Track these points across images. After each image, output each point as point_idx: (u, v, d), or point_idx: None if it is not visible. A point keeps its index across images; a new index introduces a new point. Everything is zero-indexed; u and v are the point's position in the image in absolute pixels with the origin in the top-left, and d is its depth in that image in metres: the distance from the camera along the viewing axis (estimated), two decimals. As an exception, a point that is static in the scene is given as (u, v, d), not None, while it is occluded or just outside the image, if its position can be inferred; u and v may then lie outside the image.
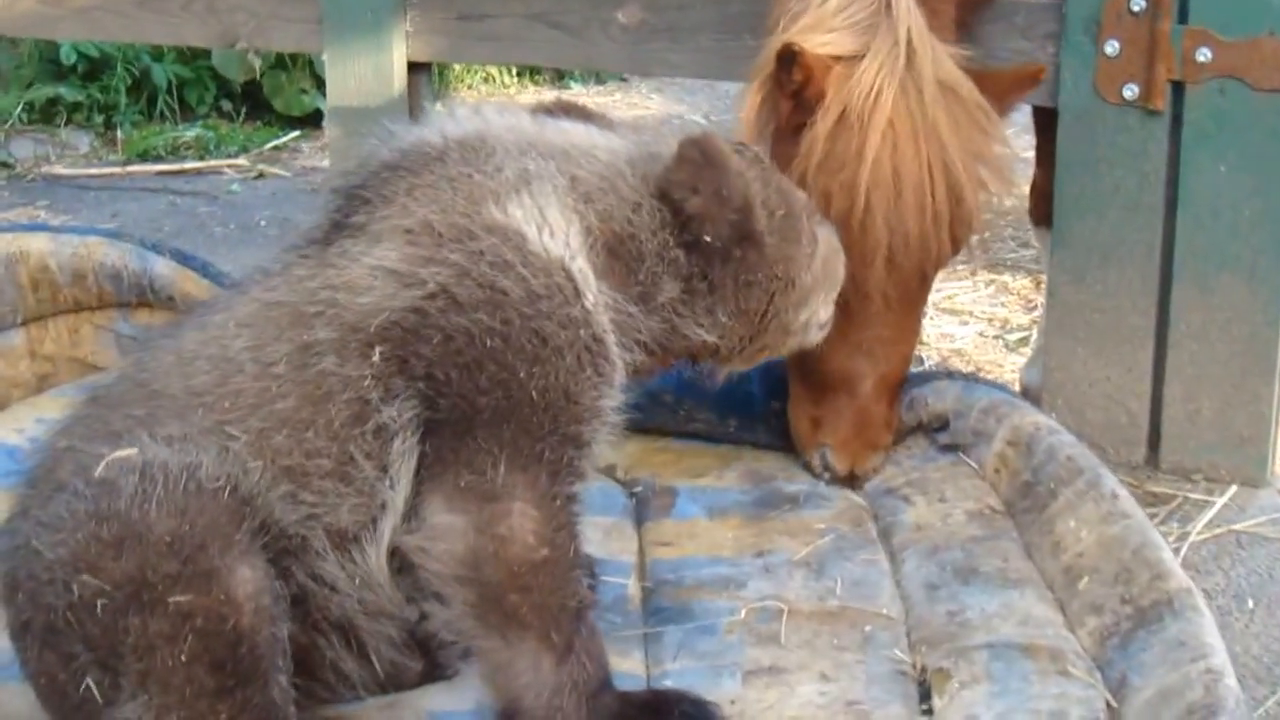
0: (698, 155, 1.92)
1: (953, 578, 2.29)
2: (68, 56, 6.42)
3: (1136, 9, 2.67)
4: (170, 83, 6.69)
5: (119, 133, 6.44)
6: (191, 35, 3.96)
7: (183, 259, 2.92)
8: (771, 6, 2.71)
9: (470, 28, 3.52)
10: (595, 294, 1.88)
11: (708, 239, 1.95)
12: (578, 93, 7.75)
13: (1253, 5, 2.64)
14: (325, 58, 3.71)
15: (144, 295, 3.00)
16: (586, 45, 3.38)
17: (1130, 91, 2.72)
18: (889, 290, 2.50)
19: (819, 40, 2.50)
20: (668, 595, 2.31)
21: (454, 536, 1.78)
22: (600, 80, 8.10)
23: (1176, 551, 2.59)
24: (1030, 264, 4.21)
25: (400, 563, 1.84)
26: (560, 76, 7.92)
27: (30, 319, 3.05)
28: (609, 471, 2.71)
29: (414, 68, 3.62)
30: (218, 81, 6.81)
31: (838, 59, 2.49)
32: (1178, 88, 2.72)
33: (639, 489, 2.67)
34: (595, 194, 1.93)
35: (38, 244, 2.98)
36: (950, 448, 2.62)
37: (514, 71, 7.78)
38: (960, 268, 3.93)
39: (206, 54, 6.68)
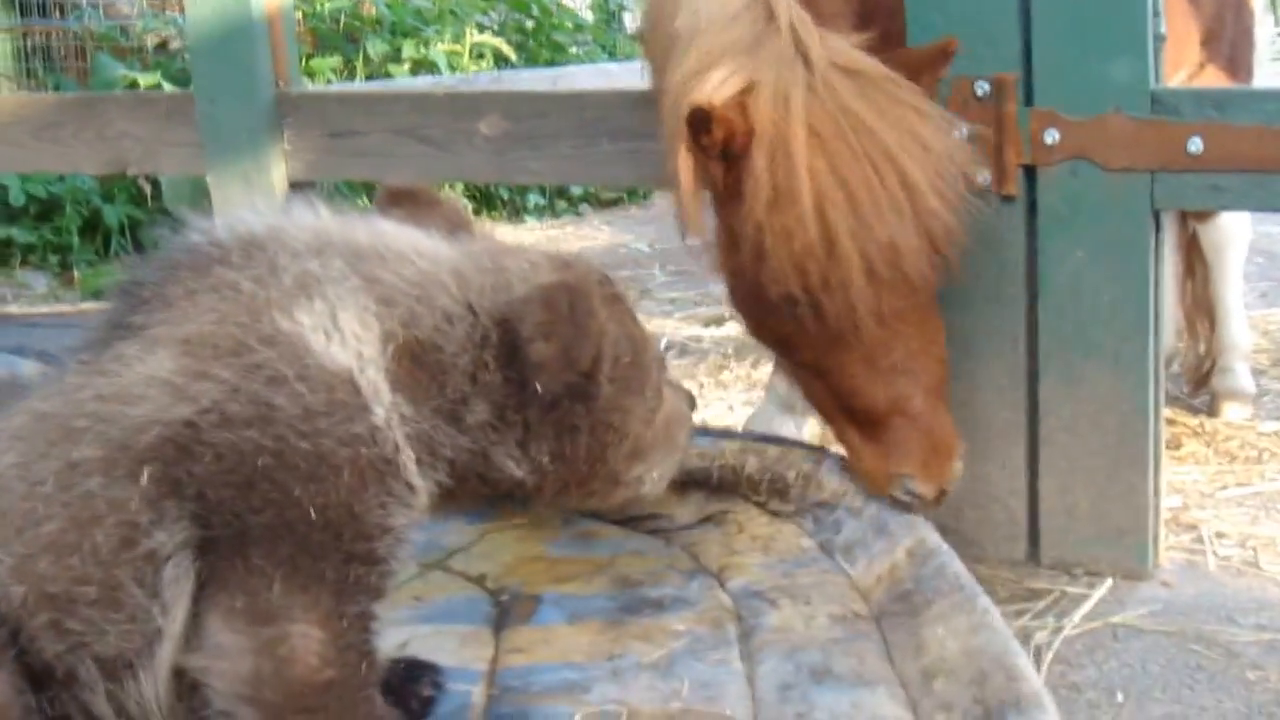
0: (564, 306, 1.77)
1: (807, 678, 2.21)
2: (17, 198, 6.48)
3: (981, 92, 2.62)
4: (123, 224, 6.75)
5: (75, 273, 6.50)
6: (85, 164, 4.00)
7: (47, 360, 2.86)
8: (649, 46, 2.64)
9: (342, 144, 3.54)
10: (387, 409, 1.76)
11: (536, 387, 1.81)
12: (531, 226, 7.79)
13: (1097, 82, 2.57)
14: (209, 180, 3.73)
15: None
16: (453, 157, 3.39)
17: (982, 178, 2.62)
18: (885, 306, 2.33)
19: (717, 79, 2.35)
20: (510, 701, 2.22)
21: (235, 656, 1.68)
22: (555, 214, 8.14)
23: (1050, 645, 2.54)
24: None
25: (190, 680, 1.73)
26: (516, 212, 7.95)
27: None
28: (479, 580, 2.63)
29: (296, 186, 3.63)
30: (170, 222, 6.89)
31: (745, 93, 2.33)
32: (1030, 172, 2.66)
33: (504, 597, 2.61)
34: (398, 297, 1.80)
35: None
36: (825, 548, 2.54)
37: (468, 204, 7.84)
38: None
39: (158, 194, 6.75)
